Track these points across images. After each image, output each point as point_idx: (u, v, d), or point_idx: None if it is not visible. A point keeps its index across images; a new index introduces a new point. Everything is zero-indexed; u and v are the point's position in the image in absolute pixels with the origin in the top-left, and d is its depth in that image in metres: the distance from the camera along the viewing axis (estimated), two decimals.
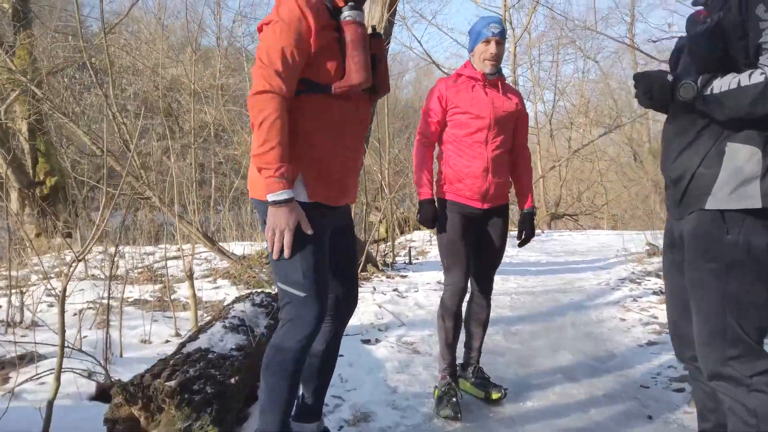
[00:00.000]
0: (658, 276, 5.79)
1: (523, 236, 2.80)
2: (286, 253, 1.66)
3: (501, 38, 2.59)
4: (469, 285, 2.72)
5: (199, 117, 18.50)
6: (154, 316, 3.83)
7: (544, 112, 17.39)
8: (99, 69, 6.53)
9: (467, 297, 2.74)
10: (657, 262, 6.78)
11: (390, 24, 5.91)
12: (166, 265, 5.00)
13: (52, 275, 5.87)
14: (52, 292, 4.64)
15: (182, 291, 4.69)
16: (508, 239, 2.83)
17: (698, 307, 1.63)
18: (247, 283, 4.85)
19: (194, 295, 3.58)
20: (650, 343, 3.59)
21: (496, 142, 2.63)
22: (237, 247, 7.78)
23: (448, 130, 2.69)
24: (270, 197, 1.61)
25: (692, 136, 1.64)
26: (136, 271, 6.28)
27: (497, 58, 2.60)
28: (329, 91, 1.70)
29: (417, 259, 7.14)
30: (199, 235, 5.15)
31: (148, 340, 3.38)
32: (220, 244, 7.84)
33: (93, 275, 5.86)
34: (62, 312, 2.05)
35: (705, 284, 1.60)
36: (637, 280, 5.70)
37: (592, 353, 3.46)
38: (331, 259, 1.86)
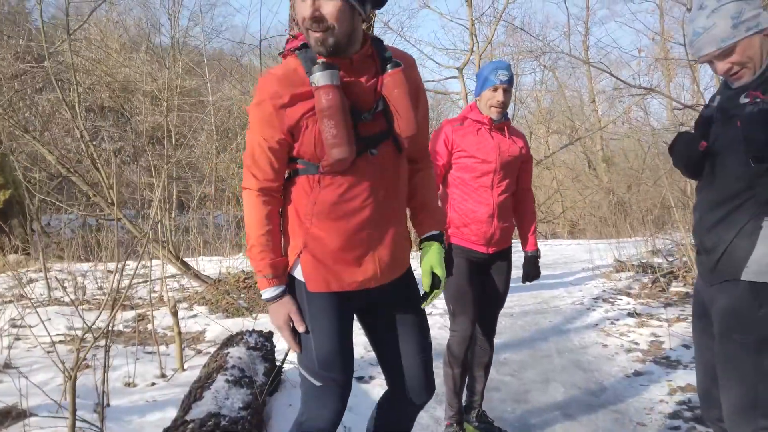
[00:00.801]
0: (629, 295, 5.95)
1: (528, 278, 2.83)
2: (294, 348, 1.58)
3: (509, 85, 2.59)
4: None
5: (153, 119, 18.00)
6: (134, 352, 3.65)
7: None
8: (62, 79, 6.19)
9: None
10: (625, 278, 6.98)
11: None
12: (129, 281, 4.79)
13: (10, 298, 5.54)
14: (17, 323, 4.38)
15: (157, 321, 4.50)
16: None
17: (729, 378, 1.66)
18: (225, 311, 4.70)
19: (179, 333, 3.44)
20: (637, 374, 3.66)
21: (502, 186, 2.63)
22: (207, 265, 7.56)
23: (453, 173, 2.67)
24: (263, 296, 1.58)
25: (729, 209, 1.67)
26: (101, 292, 6.01)
27: (504, 106, 2.60)
28: (316, 172, 1.53)
29: None
30: (173, 260, 4.95)
31: (132, 383, 3.21)
32: (188, 260, 7.60)
33: (57, 299, 5.57)
34: (73, 398, 1.89)
35: (737, 357, 1.63)
36: (610, 300, 5.83)
37: (583, 386, 3.50)
38: (382, 344, 1.74)
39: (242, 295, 5.00)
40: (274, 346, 3.20)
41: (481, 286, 2.69)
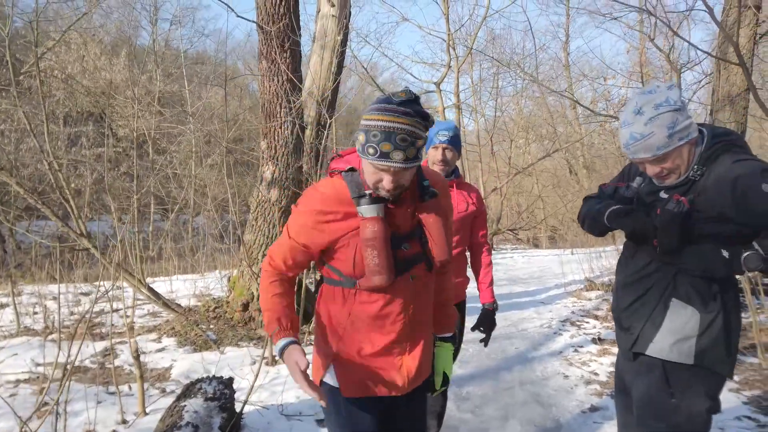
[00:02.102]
0: (596, 317, 6.08)
1: (482, 331, 2.88)
2: (316, 397, 1.56)
3: (449, 144, 2.66)
4: None
5: (132, 124, 17.86)
6: (97, 395, 3.67)
7: (485, 129, 17.83)
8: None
9: None
10: (594, 297, 7.11)
11: (339, 70, 5.91)
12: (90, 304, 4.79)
13: None
14: None
15: (125, 355, 4.52)
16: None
17: None
18: (194, 343, 4.72)
19: (141, 377, 3.47)
20: (593, 409, 3.75)
21: (454, 242, 2.70)
22: (182, 286, 7.56)
23: None
24: (275, 350, 1.68)
25: (641, 291, 1.81)
26: (71, 318, 6.00)
27: (445, 163, 2.69)
28: (352, 287, 1.64)
29: None
30: (143, 289, 4.97)
31: (92, 431, 3.23)
32: (162, 280, 7.59)
33: (26, 327, 5.56)
34: None
35: None
36: (577, 323, 5.95)
37: (540, 423, 3.58)
38: None
39: (211, 326, 5.02)
40: (234, 392, 3.24)
41: None
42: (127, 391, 3.78)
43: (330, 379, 1.70)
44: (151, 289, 5.24)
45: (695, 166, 1.70)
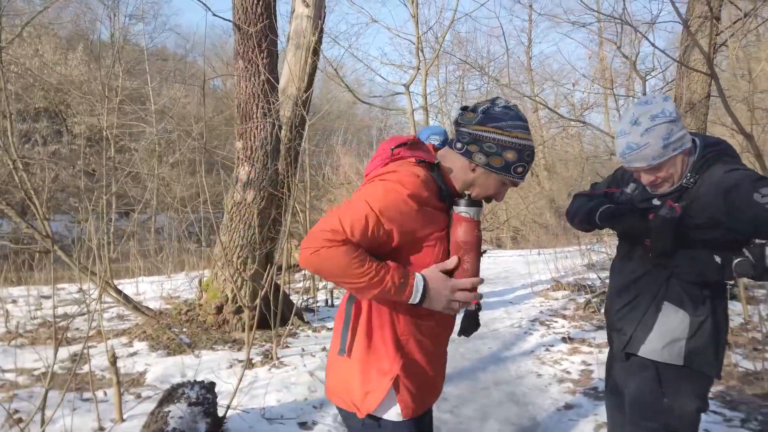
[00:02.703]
0: (564, 317, 6.25)
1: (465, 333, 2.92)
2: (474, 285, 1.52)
3: (439, 147, 2.70)
4: None
5: (89, 121, 17.32)
6: (71, 400, 3.56)
7: (451, 131, 17.95)
8: None
9: None
10: (561, 297, 7.30)
11: (313, 71, 5.90)
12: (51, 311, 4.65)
13: None
14: None
15: (96, 360, 4.39)
16: None
17: None
18: (167, 347, 4.63)
19: (118, 383, 3.39)
20: (567, 406, 3.86)
21: None
22: (148, 288, 7.39)
23: None
24: (413, 300, 1.44)
25: (633, 294, 1.89)
26: (34, 322, 5.79)
27: None
28: None
29: (337, 298, 7.16)
30: (112, 293, 4.84)
31: None
32: (127, 281, 7.41)
33: None
34: None
35: None
36: (546, 322, 6.10)
37: (518, 422, 3.67)
38: None
39: (184, 330, 4.94)
40: (216, 397, 3.20)
41: None
42: (102, 397, 3.68)
43: (390, 409, 1.51)
44: (120, 293, 5.11)
45: (688, 174, 1.78)
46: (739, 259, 1.67)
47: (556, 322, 6.11)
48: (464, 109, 1.56)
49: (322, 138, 20.38)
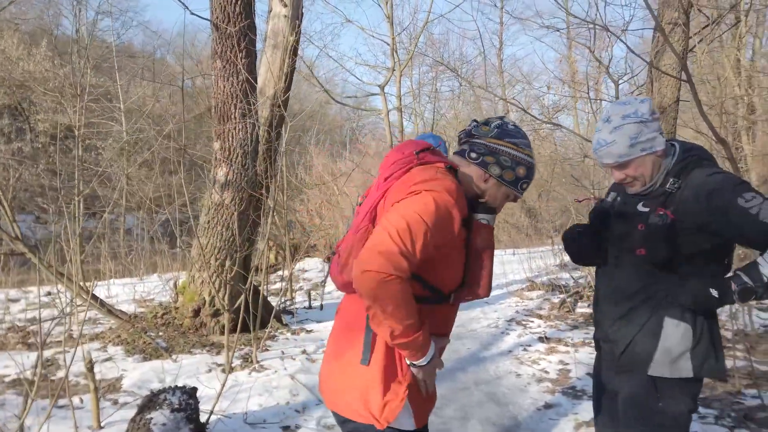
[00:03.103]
0: (540, 317, 6.35)
1: None
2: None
3: None
4: None
5: (54, 119, 16.82)
6: (45, 408, 3.45)
7: (424, 132, 18.12)
8: None
9: None
10: (536, 297, 7.41)
11: (292, 71, 5.86)
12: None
13: None
14: None
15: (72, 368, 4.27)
16: None
17: None
18: (143, 351, 4.53)
19: (96, 389, 3.31)
20: (547, 406, 3.92)
21: None
22: (120, 291, 7.22)
23: None
24: (422, 363, 1.47)
25: (629, 307, 1.87)
26: (2, 326, 5.60)
27: None
28: (448, 301, 1.54)
29: (315, 299, 7.12)
30: (84, 295, 4.71)
31: None
32: (99, 284, 7.22)
33: None
34: None
35: None
36: (523, 322, 6.19)
37: (499, 422, 3.71)
38: None
39: (160, 334, 4.84)
40: (198, 402, 3.15)
41: None
42: (78, 404, 3.59)
43: (405, 419, 1.52)
44: (96, 297, 4.98)
45: (672, 179, 1.80)
46: (739, 288, 1.64)
47: (532, 321, 6.20)
48: (476, 122, 1.62)
49: (294, 137, 20.23)
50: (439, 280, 1.49)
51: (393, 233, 1.35)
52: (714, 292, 1.68)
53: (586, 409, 3.76)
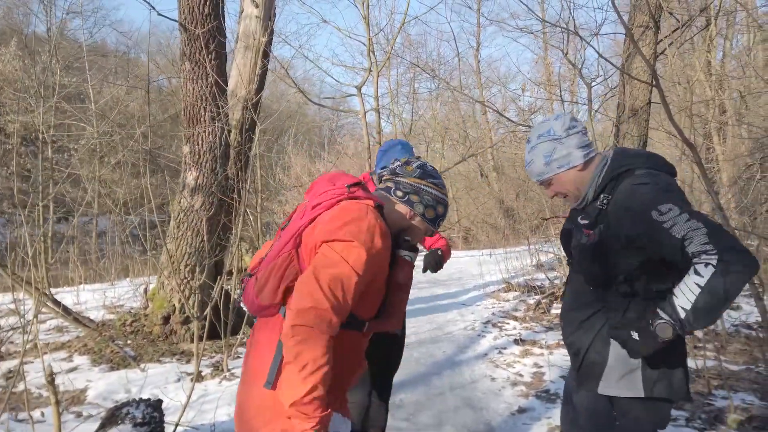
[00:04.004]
0: (515, 318, 6.36)
1: (429, 268, 2.93)
2: None
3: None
4: None
5: (24, 120, 16.40)
6: (4, 422, 3.33)
7: (402, 133, 18.12)
8: None
9: None
10: (512, 298, 7.43)
11: (264, 72, 5.77)
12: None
13: None
14: None
15: (30, 377, 4.13)
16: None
17: None
18: (110, 361, 4.41)
19: (57, 402, 3.19)
20: (521, 410, 3.91)
21: None
22: (89, 297, 7.05)
23: None
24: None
25: (587, 315, 1.83)
26: None
27: None
28: (362, 329, 1.55)
29: None
30: (49, 304, 4.57)
31: None
32: (67, 290, 7.04)
33: None
34: None
35: None
36: (499, 324, 6.19)
37: (473, 427, 3.69)
38: None
39: (128, 342, 4.72)
40: (164, 415, 3.06)
41: (383, 358, 2.76)
42: (39, 418, 3.47)
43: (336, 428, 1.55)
44: (59, 303, 4.83)
45: (602, 195, 1.74)
46: (658, 322, 1.53)
47: (508, 323, 6.21)
48: (398, 161, 1.74)
49: (272, 138, 20.07)
50: (356, 309, 1.49)
51: (325, 288, 1.37)
52: (635, 335, 1.58)
53: (559, 414, 3.75)
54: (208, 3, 4.75)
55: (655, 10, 6.11)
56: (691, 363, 4.21)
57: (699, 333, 4.79)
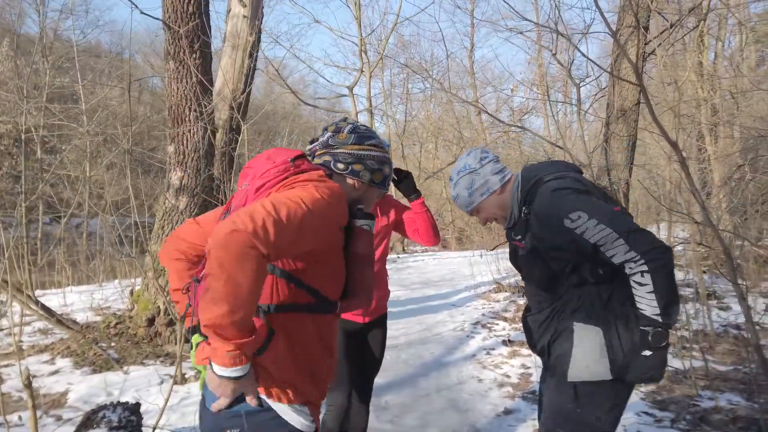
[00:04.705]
0: (505, 319, 6.33)
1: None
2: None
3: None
4: None
5: (16, 120, 16.28)
6: None
7: (396, 133, 18.10)
8: None
9: None
10: (502, 299, 7.41)
11: (251, 72, 5.73)
12: None
13: None
14: None
15: (12, 381, 4.08)
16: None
17: None
18: (93, 363, 4.36)
19: (34, 405, 3.14)
20: (507, 411, 3.88)
21: (376, 255, 2.68)
22: (76, 299, 6.98)
23: None
24: (231, 374, 1.23)
25: (545, 316, 1.90)
26: None
27: None
28: (333, 311, 1.46)
29: None
30: (32, 305, 4.52)
31: None
32: (54, 292, 6.97)
33: None
34: None
35: None
36: (488, 324, 6.16)
37: (459, 429, 3.65)
38: None
39: (112, 344, 4.67)
40: (142, 418, 3.02)
41: (358, 356, 2.72)
42: (17, 422, 3.41)
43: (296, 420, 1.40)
44: (41, 305, 4.78)
45: (523, 208, 1.88)
46: (651, 334, 1.64)
47: (497, 324, 6.18)
48: (326, 131, 1.60)
49: (267, 139, 20.02)
50: (321, 285, 1.41)
51: (267, 205, 1.21)
52: (646, 356, 1.67)
53: None
54: (191, 1, 4.71)
55: (641, 10, 6.10)
56: (678, 363, 4.20)
57: (687, 333, 4.78)
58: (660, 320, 1.61)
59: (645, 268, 1.58)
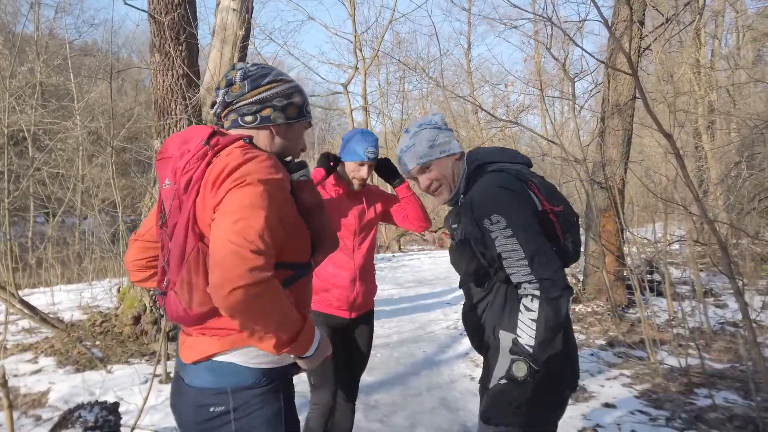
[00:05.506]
0: None
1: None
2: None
3: (374, 161, 2.56)
4: None
5: (11, 119, 16.17)
6: None
7: (392, 132, 18.00)
8: None
9: None
10: None
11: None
12: None
13: None
14: None
15: None
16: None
17: None
18: (77, 362, 4.26)
19: (10, 405, 3.05)
20: None
21: (363, 249, 2.60)
22: (65, 298, 6.89)
23: None
24: (310, 352, 1.39)
25: (476, 317, 1.84)
26: None
27: (365, 180, 2.59)
28: (310, 271, 1.49)
29: None
30: (15, 304, 4.42)
31: None
32: (43, 291, 6.87)
33: None
34: None
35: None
36: None
37: (448, 428, 3.57)
38: None
39: (97, 343, 4.57)
40: (120, 418, 2.92)
41: (344, 353, 2.63)
42: None
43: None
44: (25, 303, 4.67)
45: (462, 195, 1.85)
46: (513, 363, 1.56)
47: None
48: (219, 89, 1.49)
49: None
50: (294, 256, 1.41)
51: (235, 238, 1.18)
52: (503, 385, 1.59)
53: None
54: None
55: (636, 3, 6.03)
56: (674, 361, 4.12)
57: (683, 331, 4.70)
58: (529, 351, 1.52)
59: (537, 293, 1.52)
